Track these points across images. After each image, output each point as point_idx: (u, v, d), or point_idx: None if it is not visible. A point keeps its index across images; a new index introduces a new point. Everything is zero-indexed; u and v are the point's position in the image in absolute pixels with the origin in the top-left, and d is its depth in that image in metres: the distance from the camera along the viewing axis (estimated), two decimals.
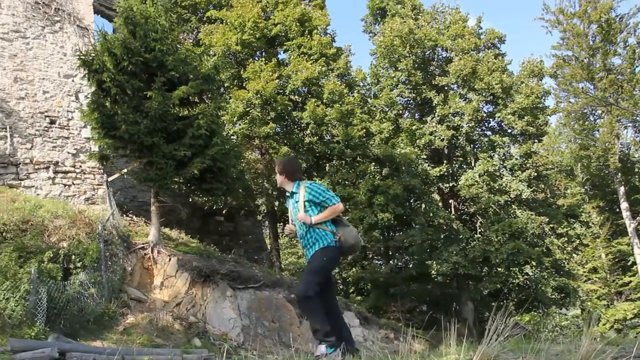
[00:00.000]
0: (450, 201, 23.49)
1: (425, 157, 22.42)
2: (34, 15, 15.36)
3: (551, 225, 23.09)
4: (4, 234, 10.30)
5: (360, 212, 19.36)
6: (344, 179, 19.75)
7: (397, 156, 20.81)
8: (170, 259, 12.70)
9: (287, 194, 5.09)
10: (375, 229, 20.98)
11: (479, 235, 21.33)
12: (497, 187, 21.44)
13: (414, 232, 20.77)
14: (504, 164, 22.13)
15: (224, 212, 20.49)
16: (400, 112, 24.04)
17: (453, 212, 22.94)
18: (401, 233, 22.52)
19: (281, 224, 22.34)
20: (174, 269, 12.54)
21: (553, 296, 22.49)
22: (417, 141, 22.17)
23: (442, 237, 21.30)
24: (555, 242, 24.15)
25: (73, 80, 15.56)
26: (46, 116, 14.85)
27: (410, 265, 24.29)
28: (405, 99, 24.22)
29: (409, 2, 24.79)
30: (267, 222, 22.78)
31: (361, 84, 24.16)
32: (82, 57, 12.01)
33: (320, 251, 4.71)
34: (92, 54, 12.18)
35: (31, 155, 14.32)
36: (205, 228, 19.61)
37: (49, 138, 14.76)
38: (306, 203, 4.81)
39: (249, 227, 22.40)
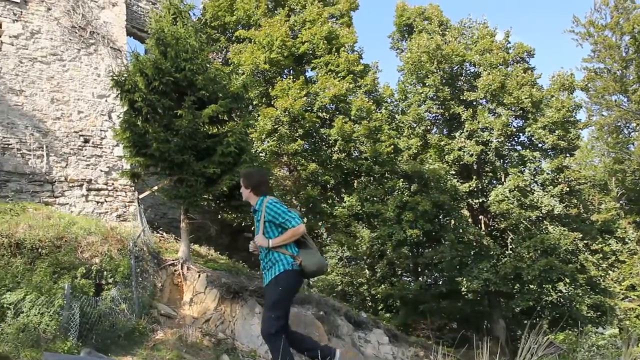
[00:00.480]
0: (480, 217, 23.19)
1: (454, 172, 22.23)
2: (70, 39, 15.89)
3: (585, 242, 22.56)
4: (40, 250, 10.58)
5: (388, 228, 19.27)
6: (372, 196, 19.71)
7: (426, 172, 20.69)
8: (199, 276, 12.82)
9: (251, 209, 4.80)
10: (404, 245, 20.83)
11: (510, 252, 20.96)
12: (528, 203, 21.07)
13: (443, 249, 20.53)
14: (535, 179, 21.78)
15: (252, 229, 20.60)
16: (429, 127, 23.94)
17: (483, 228, 22.62)
18: (430, 249, 22.29)
19: None
20: (203, 285, 12.64)
21: (589, 314, 21.85)
22: (446, 157, 22.02)
23: (472, 253, 21.01)
24: (589, 258, 23.53)
25: (106, 100, 15.99)
26: (80, 135, 15.27)
27: (440, 282, 23.98)
28: (433, 115, 24.12)
29: (436, 18, 24.82)
30: None
31: (389, 101, 24.17)
32: (115, 77, 12.37)
33: (274, 280, 4.45)
34: (125, 75, 12.53)
35: (66, 173, 14.72)
36: (234, 244, 19.73)
37: (83, 156, 15.16)
38: (266, 224, 4.52)
39: None
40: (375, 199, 19.98)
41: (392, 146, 19.99)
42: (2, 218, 11.31)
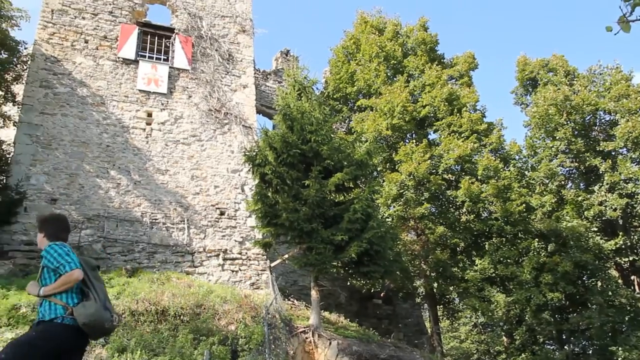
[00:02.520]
0: (632, 277, 20.96)
1: (596, 229, 20.48)
2: (207, 121, 17.46)
3: None
4: (182, 317, 11.26)
5: (526, 292, 18.00)
6: (505, 258, 18.67)
7: (564, 230, 19.30)
8: (330, 343, 12.78)
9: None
10: (544, 310, 19.28)
11: None
12: None
13: (590, 314, 18.68)
14: None
15: (382, 295, 20.37)
16: (563, 183, 22.51)
17: (638, 290, 20.35)
18: (576, 314, 20.38)
19: (441, 306, 21.57)
20: (334, 353, 12.56)
21: None
22: (585, 213, 20.42)
23: (626, 319, 18.87)
24: None
25: (239, 175, 17.10)
26: (217, 208, 16.40)
27: (590, 351, 21.67)
28: (567, 169, 22.70)
29: (561, 68, 23.83)
30: (426, 304, 22.11)
31: (517, 157, 23.21)
32: (247, 153, 13.25)
33: (33, 327, 3.93)
34: (256, 150, 13.38)
35: (204, 244, 15.77)
36: (364, 311, 19.56)
37: (219, 228, 16.18)
38: (44, 269, 4.00)
39: (407, 310, 21.91)
40: (509, 260, 18.89)
41: (524, 204, 18.98)
42: (150, 287, 12.28)
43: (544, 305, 18.29)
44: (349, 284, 17.61)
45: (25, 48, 15.81)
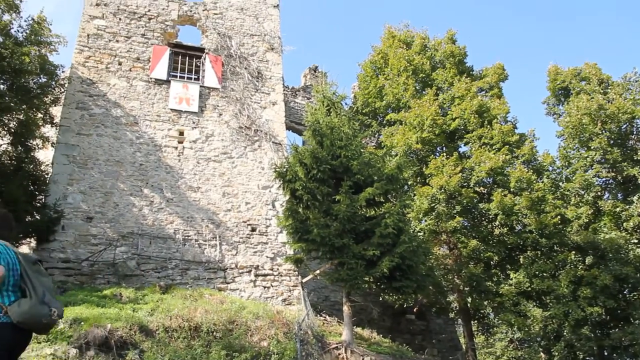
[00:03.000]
0: None
1: (636, 241, 19.86)
2: (238, 138, 17.69)
3: None
4: (214, 333, 11.32)
5: (563, 306, 17.52)
6: (541, 271, 18.24)
7: (602, 242, 18.78)
8: (363, 359, 12.67)
9: None
10: (584, 325, 18.71)
11: None
12: None
13: (633, 329, 18.05)
14: None
15: (415, 310, 20.13)
16: (599, 193, 21.94)
17: None
18: (617, 330, 19.73)
19: (475, 321, 21.16)
20: None
21: None
22: (624, 224, 19.84)
23: None
24: None
25: (270, 191, 17.22)
26: (248, 225, 16.52)
27: None
28: (603, 179, 22.12)
29: (595, 76, 23.34)
30: (460, 319, 21.74)
31: (550, 169, 22.74)
32: (277, 169, 13.34)
33: None
34: (286, 166, 13.47)
35: (236, 260, 15.87)
36: (397, 327, 19.36)
37: (251, 244, 16.28)
38: None
39: (441, 326, 21.60)
40: (545, 274, 18.45)
41: (559, 217, 18.57)
42: (183, 303, 12.39)
43: (583, 320, 17.77)
44: (381, 299, 17.46)
45: (62, 72, 16.34)
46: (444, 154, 19.33)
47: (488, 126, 19.33)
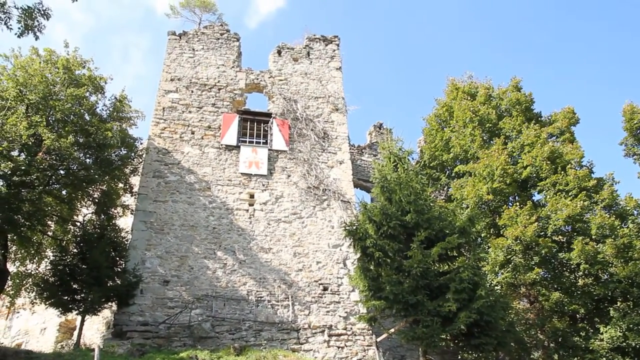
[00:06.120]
0: None
1: None
2: (307, 198, 17.98)
3: None
4: None
5: None
6: (635, 325, 16.93)
7: None
8: None
9: None
10: None
11: None
12: None
13: None
14: None
15: None
16: None
17: None
18: None
19: None
20: None
21: None
22: None
23: None
24: None
25: (340, 249, 17.21)
26: (320, 284, 16.47)
27: None
28: None
29: None
30: None
31: (635, 212, 21.47)
32: (347, 227, 13.35)
33: None
34: (355, 224, 13.46)
35: (309, 320, 15.76)
36: None
37: (323, 303, 16.16)
38: None
39: None
40: None
41: None
42: None
43: None
44: (459, 357, 16.67)
45: (140, 143, 17.37)
46: (517, 204, 18.71)
47: (562, 172, 18.64)
